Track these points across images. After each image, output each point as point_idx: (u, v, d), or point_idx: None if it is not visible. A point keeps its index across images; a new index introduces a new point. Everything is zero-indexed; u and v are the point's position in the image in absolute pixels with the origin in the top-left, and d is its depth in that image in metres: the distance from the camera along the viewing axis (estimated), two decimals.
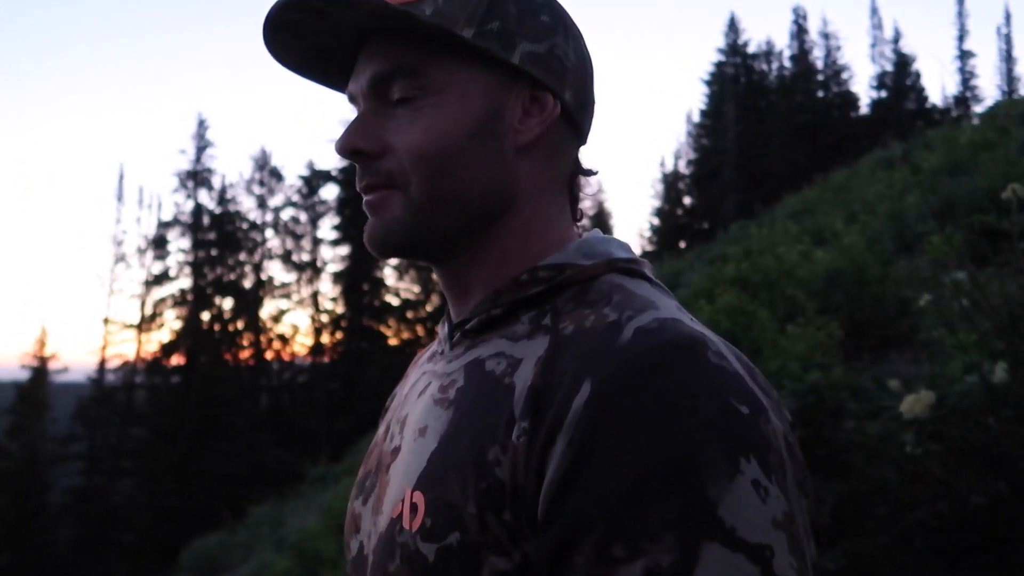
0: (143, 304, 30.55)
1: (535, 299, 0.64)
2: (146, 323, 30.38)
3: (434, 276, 0.72)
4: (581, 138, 0.71)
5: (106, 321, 30.15)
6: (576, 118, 0.69)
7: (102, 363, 29.55)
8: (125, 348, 30.50)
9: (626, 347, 0.54)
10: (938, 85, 58.07)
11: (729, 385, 0.53)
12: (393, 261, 31.83)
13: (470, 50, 0.63)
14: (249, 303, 31.37)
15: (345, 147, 0.65)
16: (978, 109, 29.13)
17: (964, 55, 33.42)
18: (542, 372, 0.57)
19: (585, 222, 0.74)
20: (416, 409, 0.68)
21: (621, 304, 0.59)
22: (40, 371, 27.82)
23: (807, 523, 0.53)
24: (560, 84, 0.66)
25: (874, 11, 37.92)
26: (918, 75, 34.54)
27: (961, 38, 33.54)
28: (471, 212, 0.65)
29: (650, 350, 0.54)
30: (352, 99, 0.68)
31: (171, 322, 30.69)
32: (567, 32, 0.68)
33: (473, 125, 0.64)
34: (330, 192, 33.45)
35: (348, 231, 31.64)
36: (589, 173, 0.72)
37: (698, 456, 0.49)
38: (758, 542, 0.48)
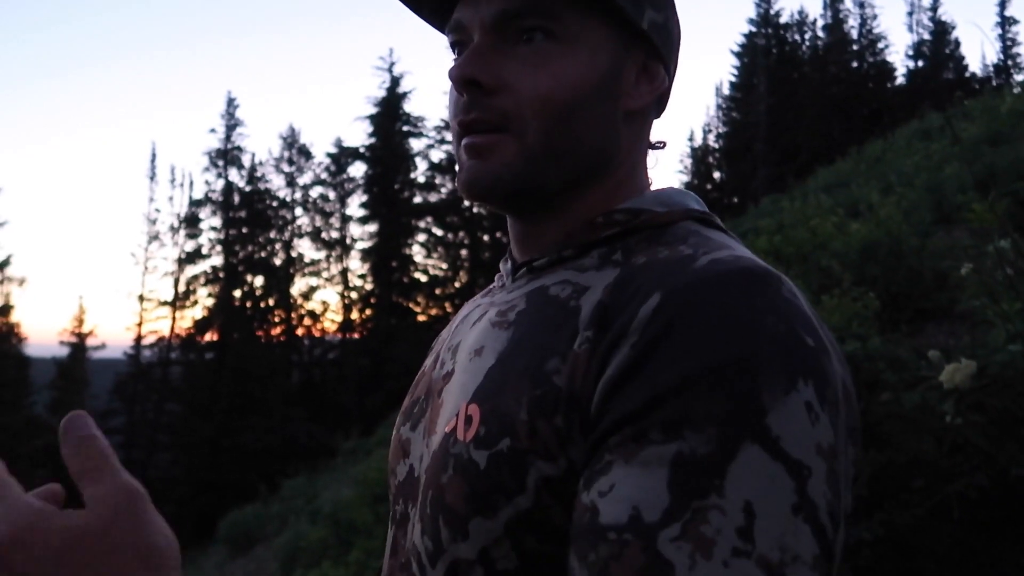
0: (176, 281, 31.12)
1: (607, 241, 0.64)
2: (180, 300, 30.94)
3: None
4: (660, 113, 0.72)
5: (141, 298, 30.76)
6: (668, 93, 0.70)
7: (138, 339, 30.19)
8: (160, 325, 31.10)
9: (701, 269, 0.54)
10: (978, 54, 56.34)
11: (797, 317, 0.52)
12: (421, 238, 32.12)
13: (605, 6, 0.62)
14: (280, 280, 31.74)
15: (461, 76, 0.62)
16: (1020, 77, 28.36)
17: (1005, 21, 32.41)
18: (611, 292, 0.57)
19: None
20: (471, 335, 0.67)
21: (697, 244, 0.59)
22: (79, 348, 28.50)
23: (848, 473, 0.52)
24: (669, 57, 0.68)
25: None
26: (957, 43, 33.65)
27: (1003, 4, 32.51)
28: (579, 168, 0.64)
29: (725, 272, 0.53)
30: (459, 28, 0.65)
31: (204, 299, 31.26)
32: (674, 7, 0.69)
33: (597, 82, 0.63)
34: (358, 170, 33.59)
35: (376, 208, 31.80)
36: (659, 146, 0.72)
37: (757, 363, 0.48)
38: (799, 459, 0.47)
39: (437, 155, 32.48)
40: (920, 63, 33.59)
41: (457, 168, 0.66)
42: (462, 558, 0.57)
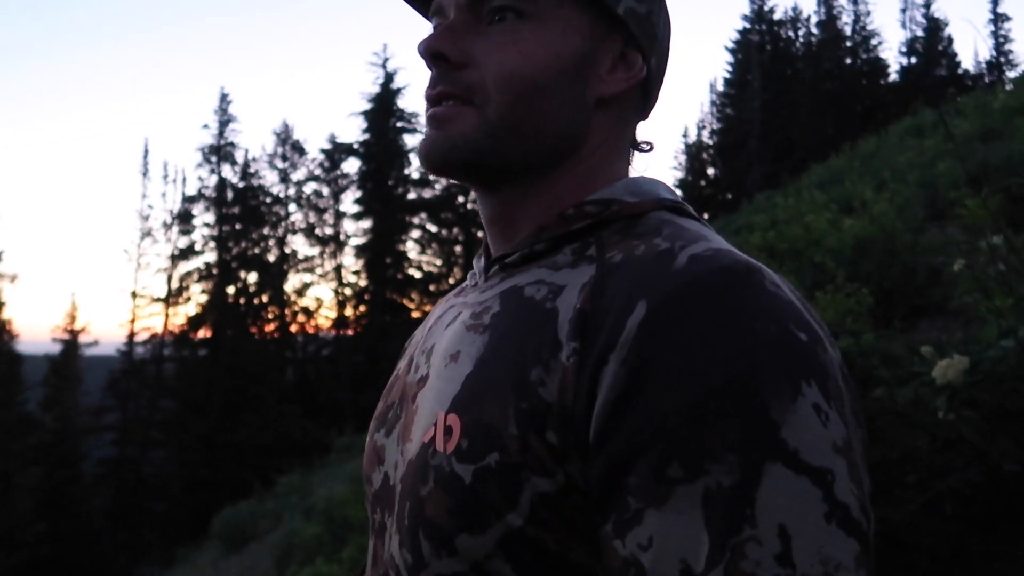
0: (170, 278, 31.00)
1: (579, 234, 0.63)
2: (173, 297, 30.83)
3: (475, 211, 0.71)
4: (645, 113, 0.71)
5: (134, 295, 30.65)
6: (650, 89, 0.69)
7: (131, 336, 30.07)
8: (153, 321, 30.94)
9: (682, 271, 0.53)
10: (970, 51, 56.40)
11: (786, 312, 0.52)
12: (416, 234, 32.06)
13: None
14: (273, 277, 31.66)
15: (428, 49, 0.62)
16: (1012, 75, 28.44)
17: (998, 18, 32.47)
18: (591, 297, 0.56)
19: None
20: (445, 337, 0.66)
21: (672, 236, 0.58)
22: (71, 344, 28.37)
23: (863, 454, 0.52)
24: (649, 49, 0.67)
25: None
26: (950, 40, 33.69)
27: (995, 1, 32.57)
28: (540, 148, 0.63)
29: (707, 273, 0.52)
30: (439, 11, 0.66)
31: (197, 296, 31.15)
32: (663, 4, 0.69)
33: (567, 63, 0.62)
34: (352, 165, 33.53)
35: (370, 204, 31.73)
36: (644, 148, 0.71)
37: (760, 377, 0.48)
38: (820, 465, 0.48)
39: None
40: (913, 60, 33.64)
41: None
42: (446, 573, 0.56)
